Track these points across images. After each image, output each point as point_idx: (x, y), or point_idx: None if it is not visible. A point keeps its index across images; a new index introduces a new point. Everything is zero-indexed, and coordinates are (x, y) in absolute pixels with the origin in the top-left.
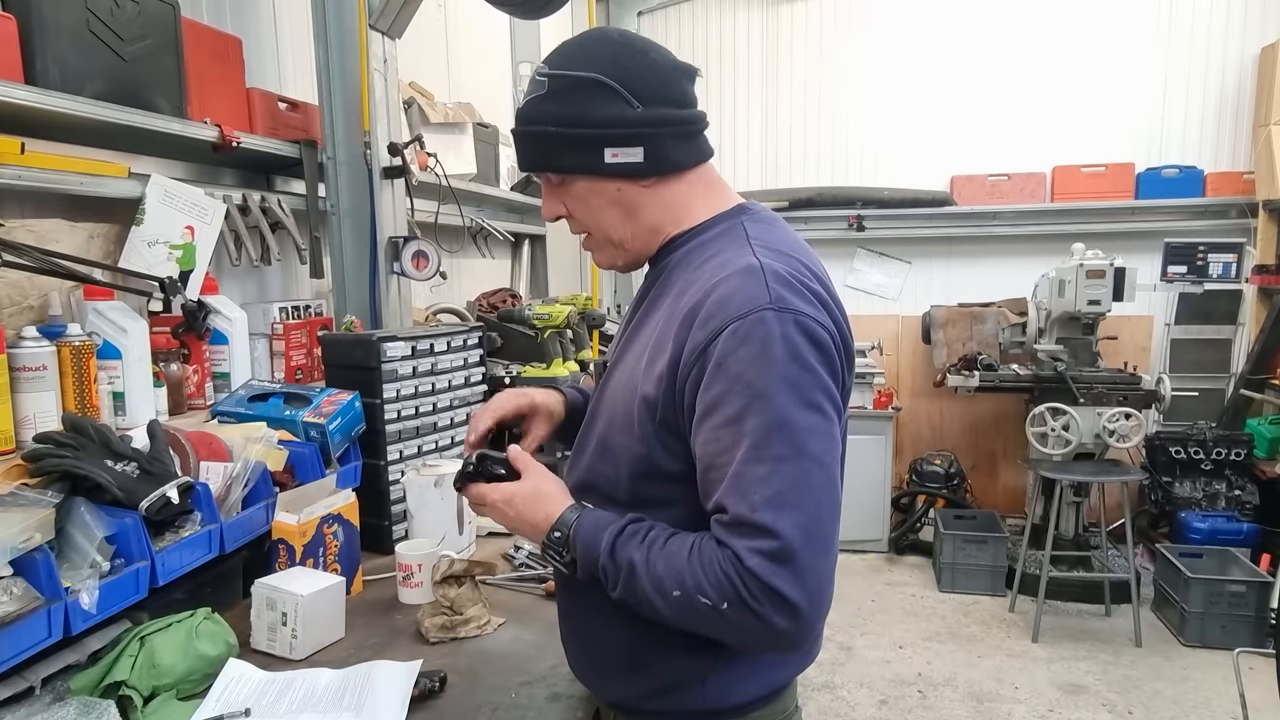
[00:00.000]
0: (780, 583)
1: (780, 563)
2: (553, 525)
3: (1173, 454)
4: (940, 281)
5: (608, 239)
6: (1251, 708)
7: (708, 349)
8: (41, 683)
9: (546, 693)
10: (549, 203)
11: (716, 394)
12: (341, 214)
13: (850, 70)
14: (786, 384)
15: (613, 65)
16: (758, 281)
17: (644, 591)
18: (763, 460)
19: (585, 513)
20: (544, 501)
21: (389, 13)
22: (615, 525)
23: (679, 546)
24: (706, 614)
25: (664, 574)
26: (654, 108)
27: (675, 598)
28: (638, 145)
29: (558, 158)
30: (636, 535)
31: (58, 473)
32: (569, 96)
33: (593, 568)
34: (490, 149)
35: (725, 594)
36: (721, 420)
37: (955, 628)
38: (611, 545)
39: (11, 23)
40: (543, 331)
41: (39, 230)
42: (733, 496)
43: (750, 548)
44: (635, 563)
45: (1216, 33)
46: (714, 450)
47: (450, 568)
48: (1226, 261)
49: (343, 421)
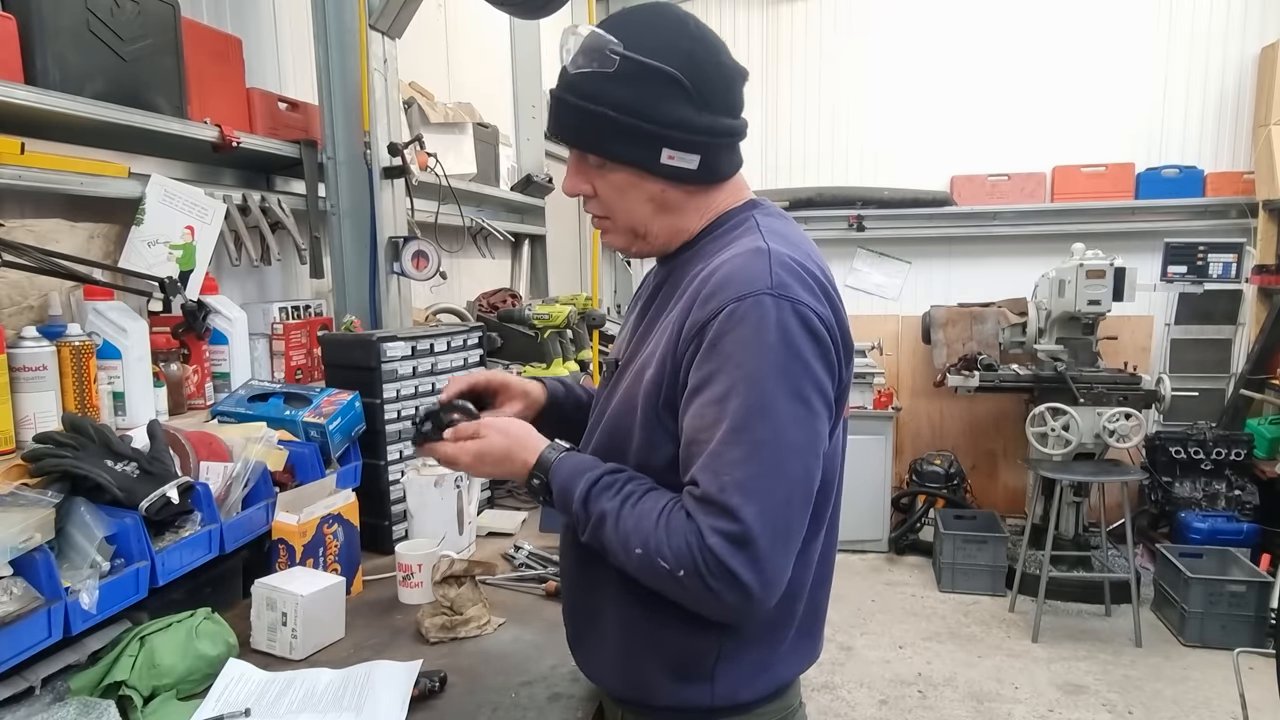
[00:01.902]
0: (736, 565)
1: (739, 546)
2: (531, 471)
3: (1173, 454)
4: (940, 281)
5: (632, 229)
6: (1251, 708)
7: (705, 327)
8: (41, 683)
9: (546, 693)
10: (576, 179)
11: (707, 372)
12: (341, 214)
13: (850, 70)
14: (776, 370)
15: (689, 62)
16: (762, 264)
17: (609, 542)
18: (740, 443)
19: (563, 456)
20: (519, 448)
21: (389, 13)
22: (592, 473)
23: (650, 506)
24: (664, 576)
25: (631, 531)
26: (717, 116)
27: (637, 555)
28: (696, 153)
29: (610, 144)
30: (612, 486)
31: (58, 473)
32: (638, 84)
33: (566, 510)
34: (490, 149)
35: (683, 563)
36: (709, 398)
37: (955, 628)
38: (585, 494)
39: (11, 23)
40: (543, 331)
41: (39, 230)
42: (706, 473)
43: (713, 526)
44: (606, 514)
45: (1216, 33)
46: (698, 425)
47: (450, 568)
48: (1226, 261)
49: (343, 421)
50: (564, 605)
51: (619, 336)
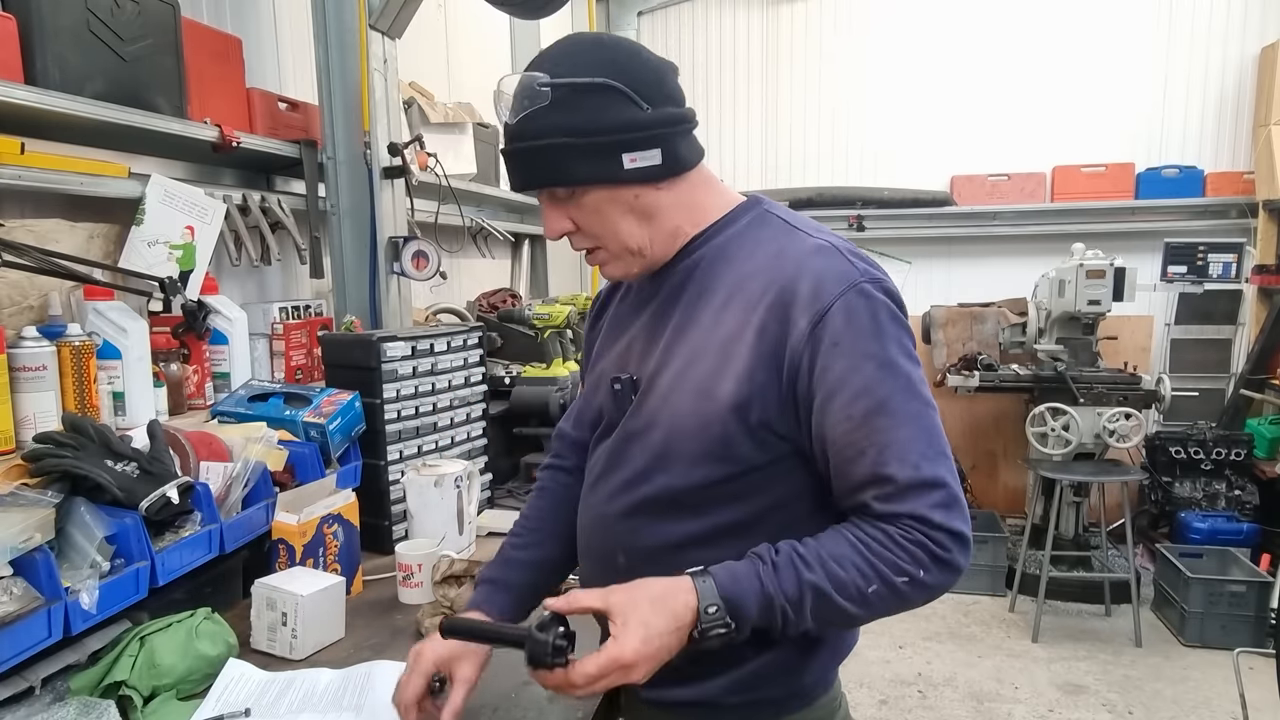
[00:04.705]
0: (958, 523)
1: (952, 506)
2: (699, 607)
3: (1173, 454)
4: (940, 281)
5: (625, 249)
6: (1251, 708)
7: (815, 331)
8: (41, 683)
9: (547, 693)
10: (554, 220)
11: (840, 371)
12: (341, 214)
13: (850, 70)
14: (899, 347)
15: (614, 67)
16: (840, 259)
17: (836, 608)
18: (905, 423)
19: (715, 575)
20: (665, 602)
21: (389, 13)
22: (756, 565)
23: (843, 549)
24: (905, 591)
25: (851, 579)
26: (661, 107)
27: (873, 593)
28: (654, 147)
29: (571, 170)
30: (791, 562)
31: (58, 473)
32: (577, 103)
33: (765, 617)
34: (490, 149)
35: (920, 561)
36: (852, 394)
37: (955, 628)
38: (776, 584)
39: (11, 23)
40: (543, 331)
41: (39, 230)
42: (894, 465)
43: (931, 504)
44: (819, 586)
45: (1216, 33)
46: (850, 427)
47: (450, 568)
48: (1226, 261)
49: (343, 421)
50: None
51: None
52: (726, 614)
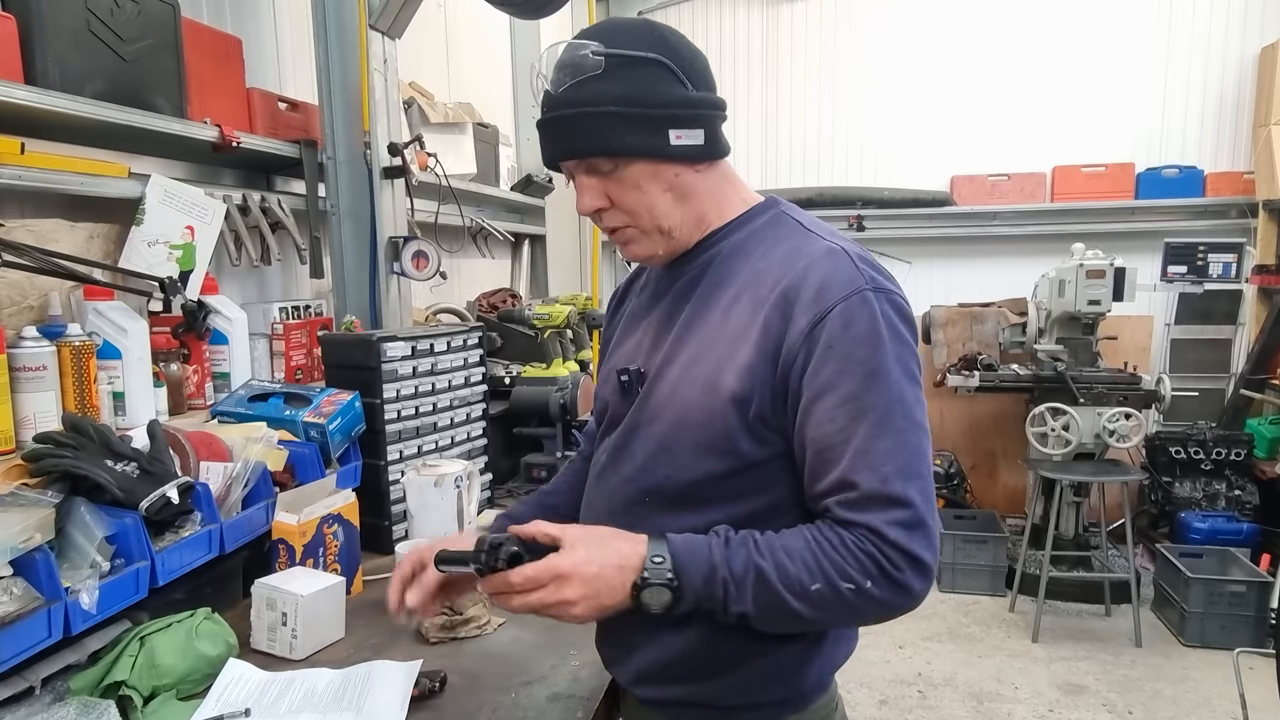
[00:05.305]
0: (917, 547)
1: (915, 529)
2: (645, 558)
3: (1173, 454)
4: (940, 281)
5: (656, 227)
6: (1251, 708)
7: (813, 332)
8: (41, 683)
9: (546, 693)
10: (590, 193)
11: (829, 375)
12: (341, 214)
13: (850, 70)
14: (895, 360)
15: (665, 45)
16: (848, 264)
17: (776, 595)
18: (885, 434)
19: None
20: (616, 542)
21: (389, 13)
22: (713, 540)
23: (798, 543)
24: (849, 598)
25: (797, 572)
26: (703, 91)
27: (816, 591)
28: (699, 127)
29: (619, 139)
30: (745, 543)
31: (58, 473)
32: (630, 75)
33: (708, 587)
34: (490, 149)
35: (868, 572)
36: (838, 400)
37: (955, 628)
38: (725, 558)
39: (11, 23)
40: (543, 331)
41: (39, 230)
42: (863, 472)
43: (888, 520)
44: (761, 568)
45: (1216, 33)
46: (830, 430)
47: None
48: (1226, 261)
49: (343, 421)
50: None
51: (628, 342)
52: (671, 569)
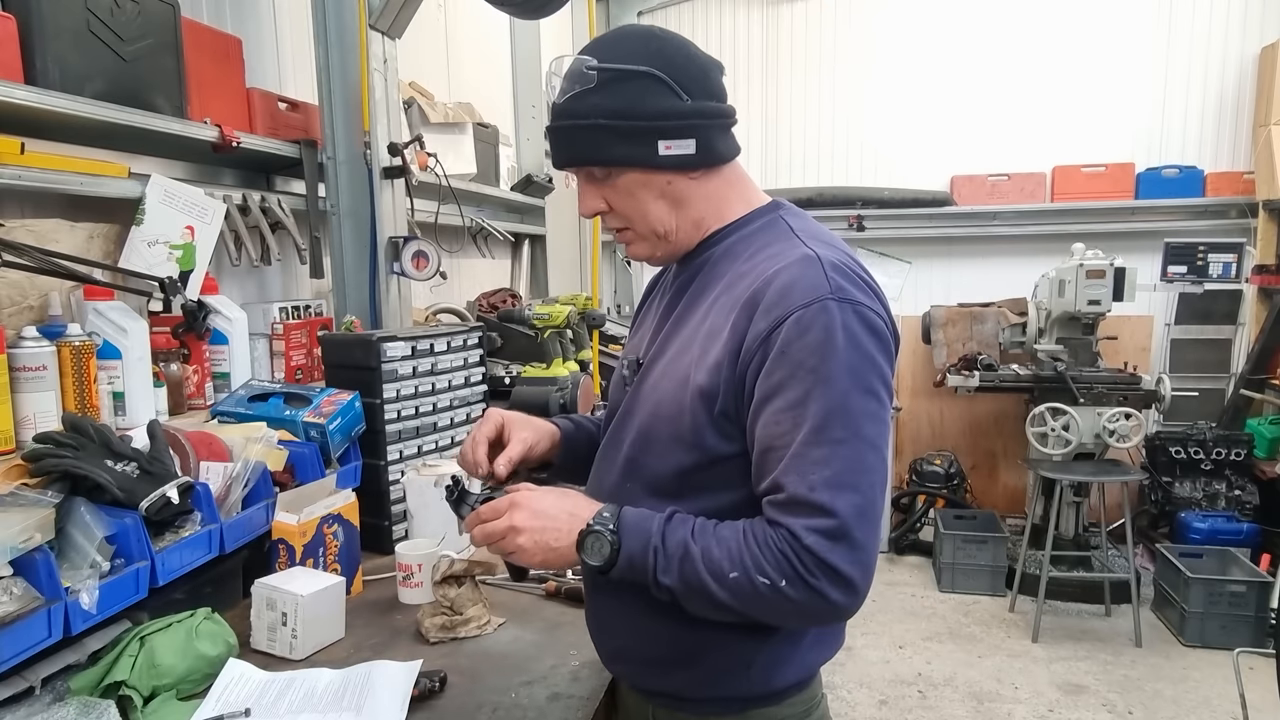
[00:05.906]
0: (837, 559)
1: (836, 540)
2: (594, 514)
3: (1173, 454)
4: (940, 281)
5: (652, 232)
6: (1251, 708)
7: (770, 336)
8: (41, 683)
9: (546, 693)
10: (589, 198)
11: (779, 379)
12: (341, 214)
13: (850, 70)
14: (847, 371)
15: (660, 58)
16: (817, 271)
17: (698, 576)
18: (822, 443)
19: (625, 507)
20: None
21: (389, 13)
22: (661, 515)
23: (730, 532)
24: (765, 593)
25: (720, 557)
26: (700, 100)
27: (733, 579)
28: (690, 137)
29: (609, 151)
30: (685, 523)
31: (58, 473)
32: (620, 89)
33: (642, 554)
34: (490, 149)
35: (784, 571)
36: (783, 404)
37: (955, 628)
38: (662, 531)
39: (11, 23)
40: (543, 331)
41: (39, 230)
42: (791, 476)
43: (807, 526)
44: (690, 547)
45: (1216, 33)
46: (774, 433)
47: (450, 568)
48: (1226, 261)
49: (343, 421)
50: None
51: (637, 335)
52: (614, 527)
